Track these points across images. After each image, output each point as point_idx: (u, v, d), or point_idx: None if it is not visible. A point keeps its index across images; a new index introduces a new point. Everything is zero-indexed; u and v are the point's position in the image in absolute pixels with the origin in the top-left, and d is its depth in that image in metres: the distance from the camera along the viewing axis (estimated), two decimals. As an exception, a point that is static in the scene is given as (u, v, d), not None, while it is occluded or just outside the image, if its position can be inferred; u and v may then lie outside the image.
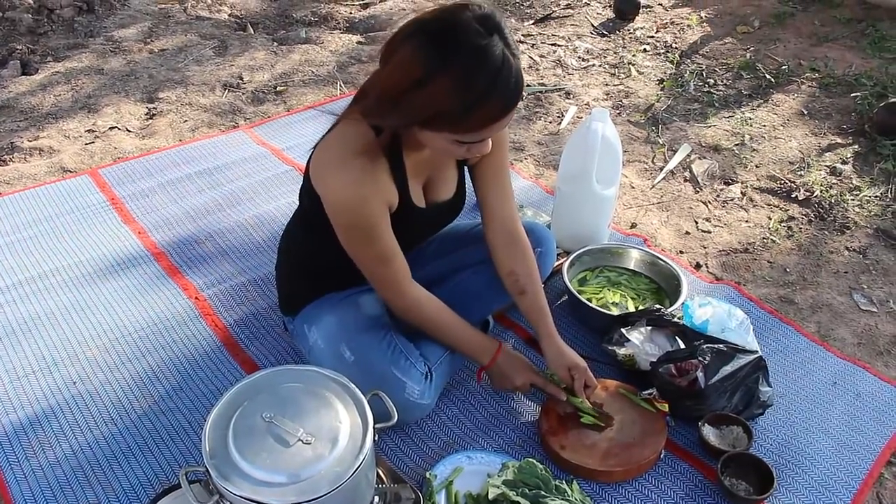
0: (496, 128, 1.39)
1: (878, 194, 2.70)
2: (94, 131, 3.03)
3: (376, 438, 1.36)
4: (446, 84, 1.30)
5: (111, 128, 3.06)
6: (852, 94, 3.30)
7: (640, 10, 4.18)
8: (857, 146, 2.99)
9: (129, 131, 3.06)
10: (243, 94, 3.35)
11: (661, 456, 1.73)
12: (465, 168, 1.76)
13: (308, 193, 1.63)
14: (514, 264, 1.78)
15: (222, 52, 3.73)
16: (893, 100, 3.01)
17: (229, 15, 4.17)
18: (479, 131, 1.38)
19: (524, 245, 1.80)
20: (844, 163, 2.89)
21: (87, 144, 2.95)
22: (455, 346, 1.77)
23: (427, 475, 1.63)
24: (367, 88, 1.46)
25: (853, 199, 2.68)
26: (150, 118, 3.16)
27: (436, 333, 1.73)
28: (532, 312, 1.79)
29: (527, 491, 1.54)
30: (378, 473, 1.53)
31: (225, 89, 3.38)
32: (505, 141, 1.76)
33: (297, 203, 1.77)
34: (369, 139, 1.48)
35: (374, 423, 1.35)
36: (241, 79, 3.46)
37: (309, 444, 1.28)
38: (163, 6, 4.20)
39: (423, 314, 1.69)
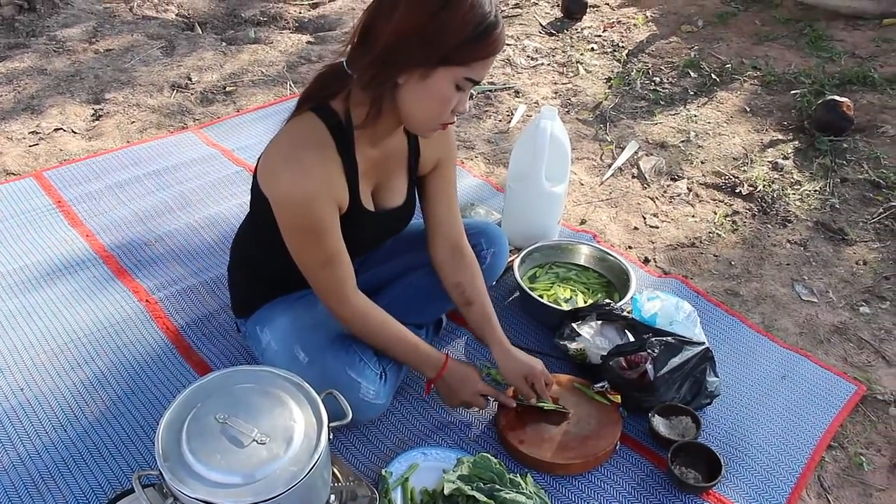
0: (495, 58, 1.44)
1: (817, 188, 2.79)
2: (38, 133, 2.97)
3: (331, 437, 1.36)
4: (463, 7, 1.34)
5: (56, 129, 3.00)
6: (792, 92, 3.40)
7: (588, 10, 4.24)
8: (797, 142, 3.08)
9: (75, 133, 3.00)
10: (192, 94, 3.31)
11: (617, 448, 1.77)
12: (416, 181, 1.77)
13: (257, 198, 1.62)
14: (460, 276, 1.79)
15: (170, 53, 3.68)
16: (830, 97, 3.10)
17: (176, 14, 4.12)
18: (486, 60, 1.41)
19: (469, 257, 1.81)
20: (785, 158, 2.97)
21: (31, 146, 2.89)
22: (400, 359, 1.74)
23: (383, 472, 1.64)
24: (362, 50, 1.43)
25: (794, 194, 2.76)
26: (97, 119, 3.10)
27: (379, 344, 1.69)
28: (480, 322, 1.79)
29: (482, 485, 1.55)
30: (334, 472, 1.53)
31: (173, 90, 3.34)
32: (454, 157, 1.79)
33: (249, 206, 1.76)
34: (321, 133, 1.48)
35: (329, 422, 1.35)
36: (190, 79, 3.42)
37: (263, 444, 1.28)
38: (108, 5, 4.13)
39: (366, 323, 1.65)
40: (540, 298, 2.09)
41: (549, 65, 3.72)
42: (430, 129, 1.52)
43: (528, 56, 3.80)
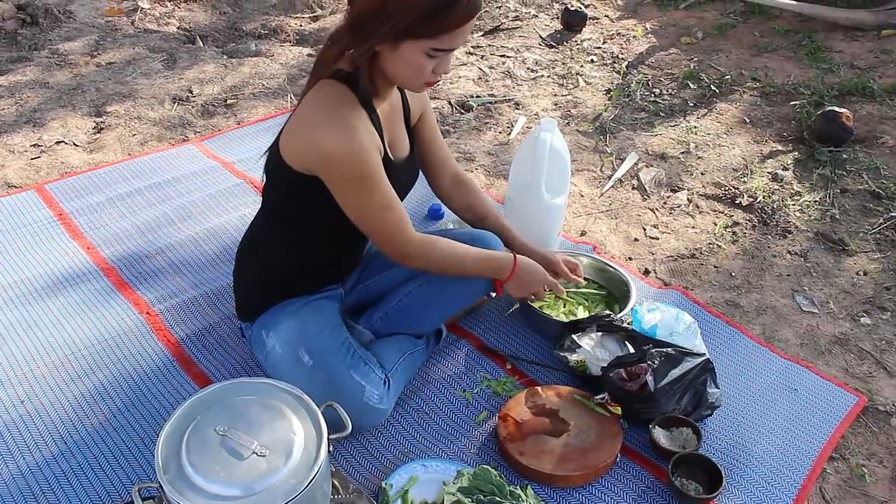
0: (467, 29, 1.46)
1: (817, 199, 2.79)
2: (39, 146, 2.98)
3: (331, 449, 1.36)
4: None
5: (58, 142, 3.01)
6: (791, 103, 3.40)
7: (587, 22, 4.25)
8: (796, 153, 3.08)
9: (77, 146, 3.01)
10: (193, 107, 3.33)
11: (618, 460, 1.76)
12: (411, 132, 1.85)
13: (276, 186, 1.64)
14: (469, 198, 2.02)
15: (171, 66, 3.69)
16: (830, 108, 3.11)
17: (178, 28, 4.14)
18: (454, 32, 1.44)
19: (471, 181, 2.05)
20: (785, 169, 2.98)
21: (32, 159, 2.90)
22: (474, 273, 1.83)
23: (383, 485, 1.64)
24: (341, 29, 1.53)
25: (794, 205, 2.76)
26: (98, 132, 3.11)
27: (453, 267, 1.78)
28: (499, 232, 2.00)
29: (482, 497, 1.55)
30: (333, 484, 1.53)
31: (174, 102, 3.35)
32: (429, 103, 1.90)
33: (253, 213, 1.77)
34: (345, 93, 1.53)
35: (329, 434, 1.36)
36: (191, 92, 3.43)
37: (263, 456, 1.28)
38: (110, 19, 4.15)
39: (434, 251, 1.74)
40: (540, 310, 2.09)
41: (548, 77, 3.73)
42: (416, 87, 1.60)
43: (528, 68, 3.81)
